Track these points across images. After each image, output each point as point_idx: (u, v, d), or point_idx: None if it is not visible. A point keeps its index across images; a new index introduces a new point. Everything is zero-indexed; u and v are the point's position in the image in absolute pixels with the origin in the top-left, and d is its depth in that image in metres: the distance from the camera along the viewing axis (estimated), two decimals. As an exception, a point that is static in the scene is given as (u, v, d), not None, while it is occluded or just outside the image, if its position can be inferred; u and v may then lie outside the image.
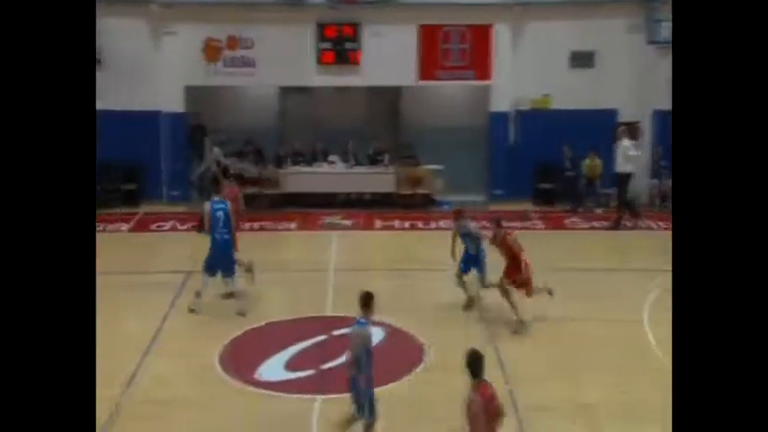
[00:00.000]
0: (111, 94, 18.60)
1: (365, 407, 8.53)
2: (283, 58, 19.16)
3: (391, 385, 9.97)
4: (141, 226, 17.58)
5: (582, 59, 19.64)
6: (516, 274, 12.01)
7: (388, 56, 19.23)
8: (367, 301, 8.57)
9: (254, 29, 19.12)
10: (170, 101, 19.07)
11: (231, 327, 11.99)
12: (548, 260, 14.02)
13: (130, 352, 11.63)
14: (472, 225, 12.71)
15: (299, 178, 19.33)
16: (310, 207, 19.09)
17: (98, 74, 18.41)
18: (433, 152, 19.66)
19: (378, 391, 8.75)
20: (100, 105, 18.28)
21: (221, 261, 12.63)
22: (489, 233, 12.53)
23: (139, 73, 18.77)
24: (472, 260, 12.59)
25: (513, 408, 9.74)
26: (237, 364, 11.33)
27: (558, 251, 16.04)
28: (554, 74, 19.52)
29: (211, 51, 19.20)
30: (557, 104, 19.71)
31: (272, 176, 19.33)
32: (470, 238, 12.56)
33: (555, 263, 14.68)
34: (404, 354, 11.49)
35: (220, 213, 12.62)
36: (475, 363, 7.31)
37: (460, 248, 12.83)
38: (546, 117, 19.59)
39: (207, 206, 12.80)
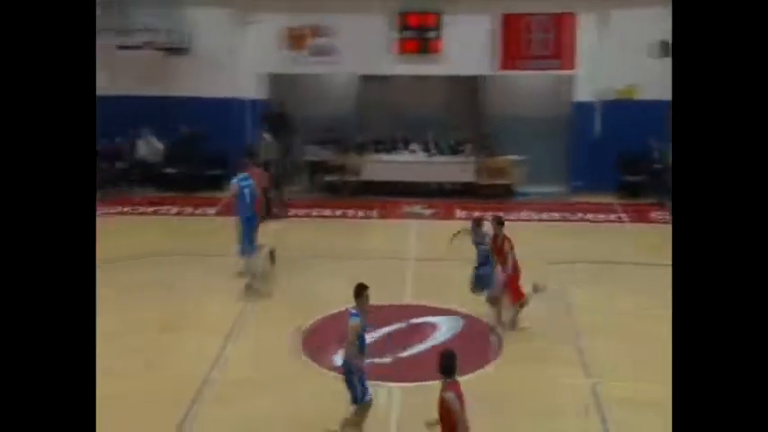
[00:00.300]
0: (198, 82, 19.07)
1: (357, 392, 8.69)
2: (364, 47, 19.26)
3: (469, 376, 9.98)
4: (228, 210, 17.97)
5: (669, 49, 19.18)
6: (517, 286, 11.77)
7: (469, 45, 19.13)
8: (360, 291, 8.67)
9: (336, 18, 19.27)
10: (254, 89, 19.39)
11: (313, 311, 12.16)
12: (632, 254, 13.83)
13: (216, 333, 11.93)
14: (487, 237, 12.31)
15: (380, 166, 19.43)
16: (391, 195, 19.18)
17: (186, 62, 19.07)
18: (513, 142, 19.51)
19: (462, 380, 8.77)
20: (187, 92, 19.13)
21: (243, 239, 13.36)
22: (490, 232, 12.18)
23: (224, 61, 19.12)
24: (483, 277, 12.14)
25: (597, 402, 9.68)
26: (318, 349, 11.51)
27: (642, 245, 15.78)
28: (639, 63, 19.11)
29: (295, 39, 19.44)
30: (642, 95, 19.30)
31: (353, 164, 19.48)
32: (481, 249, 12.26)
33: (638, 257, 14.46)
34: (482, 345, 11.50)
35: (246, 191, 13.36)
36: (449, 362, 7.32)
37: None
38: (631, 108, 19.21)
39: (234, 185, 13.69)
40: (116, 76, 19.03)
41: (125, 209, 17.94)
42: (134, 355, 11.37)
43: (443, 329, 12.00)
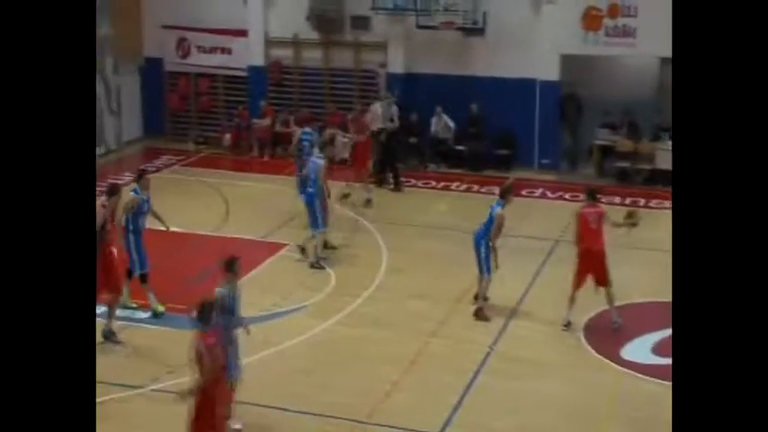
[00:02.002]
0: (492, 62, 19.27)
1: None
2: (665, 28, 18.29)
3: None
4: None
5: None
6: None
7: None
8: (230, 265, 9.03)
9: (636, -4, 18.56)
10: (546, 69, 19.22)
11: (598, 301, 11.95)
12: None
13: (497, 312, 12.14)
14: None
15: (675, 154, 18.48)
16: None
17: (480, 41, 19.34)
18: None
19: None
20: (480, 72, 19.42)
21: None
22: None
23: (519, 41, 19.13)
24: None
25: None
26: (602, 339, 11.32)
27: None
28: None
29: (591, 20, 18.99)
30: None
31: (648, 151, 18.74)
32: None
33: None
34: None
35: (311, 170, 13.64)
36: (204, 311, 7.99)
37: None
38: None
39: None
40: (415, 54, 19.77)
41: (418, 182, 18.61)
42: (425, 319, 11.94)
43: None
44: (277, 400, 9.86)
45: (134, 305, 12.09)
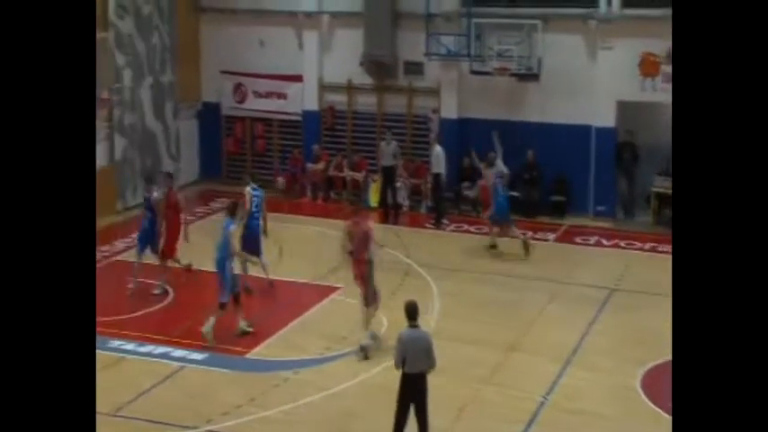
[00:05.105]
0: (546, 108, 19.21)
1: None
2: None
3: None
4: (566, 237, 17.87)
5: None
6: None
7: None
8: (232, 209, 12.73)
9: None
10: (602, 116, 19.09)
11: (653, 352, 11.62)
12: None
13: (552, 360, 11.92)
14: None
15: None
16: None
17: (534, 87, 19.30)
18: None
19: None
20: (534, 117, 19.36)
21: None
22: None
23: (574, 87, 19.06)
24: None
25: None
26: (660, 391, 11.00)
27: None
28: None
29: (648, 66, 18.84)
30: None
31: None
32: None
33: None
34: None
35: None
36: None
37: None
38: None
39: None
40: (468, 99, 19.80)
41: (471, 228, 18.52)
42: (477, 366, 11.76)
43: None
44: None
45: (249, 328, 12.67)
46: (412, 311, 9.22)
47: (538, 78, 19.01)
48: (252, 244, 14.19)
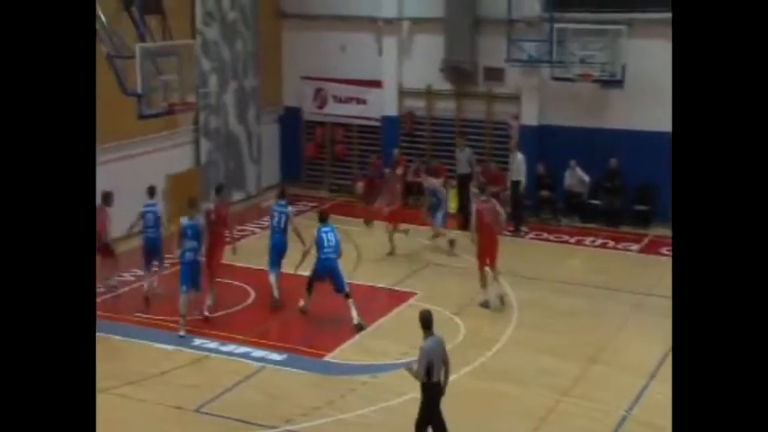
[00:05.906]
0: (630, 114, 18.83)
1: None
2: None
3: None
4: (651, 248, 17.46)
5: None
6: None
7: None
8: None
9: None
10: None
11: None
12: None
13: (634, 373, 11.64)
14: None
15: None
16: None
17: (618, 93, 18.93)
18: None
19: None
20: (617, 125, 18.97)
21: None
22: None
23: (660, 93, 18.59)
24: None
25: None
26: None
27: None
28: None
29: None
30: None
31: None
32: None
33: None
34: None
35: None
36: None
37: None
38: None
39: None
40: (549, 106, 19.55)
41: (550, 236, 18.25)
42: (556, 375, 11.58)
43: None
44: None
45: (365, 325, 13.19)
46: (427, 321, 9.26)
47: (622, 85, 18.64)
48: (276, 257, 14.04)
